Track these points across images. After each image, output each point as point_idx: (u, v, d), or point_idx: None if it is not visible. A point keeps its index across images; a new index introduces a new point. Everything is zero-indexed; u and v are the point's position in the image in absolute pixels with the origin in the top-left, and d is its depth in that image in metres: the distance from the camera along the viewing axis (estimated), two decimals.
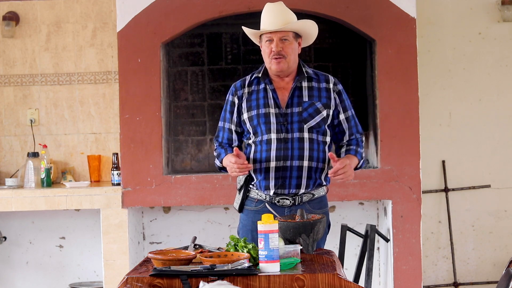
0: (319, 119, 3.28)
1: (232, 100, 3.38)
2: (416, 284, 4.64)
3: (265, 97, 3.31)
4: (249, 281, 2.53)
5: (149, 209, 5.16)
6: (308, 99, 3.29)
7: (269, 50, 3.27)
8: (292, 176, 3.26)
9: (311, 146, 3.27)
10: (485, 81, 5.18)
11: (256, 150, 3.30)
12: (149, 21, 4.69)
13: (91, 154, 5.21)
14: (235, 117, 3.37)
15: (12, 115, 5.28)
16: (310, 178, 3.28)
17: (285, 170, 3.25)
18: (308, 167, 3.26)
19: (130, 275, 2.62)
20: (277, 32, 3.25)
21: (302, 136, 3.26)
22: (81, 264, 5.26)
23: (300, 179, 3.26)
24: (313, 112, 3.28)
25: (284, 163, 3.25)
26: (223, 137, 3.42)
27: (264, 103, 3.30)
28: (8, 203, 4.73)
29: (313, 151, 3.27)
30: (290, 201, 3.27)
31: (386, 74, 4.64)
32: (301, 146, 3.26)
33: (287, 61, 3.26)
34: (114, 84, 5.22)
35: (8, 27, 5.17)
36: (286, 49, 3.25)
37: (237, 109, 3.36)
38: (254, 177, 3.32)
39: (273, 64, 3.26)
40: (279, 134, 3.26)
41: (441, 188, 5.17)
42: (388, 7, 4.62)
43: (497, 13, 5.14)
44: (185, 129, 5.23)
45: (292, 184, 3.26)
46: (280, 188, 3.27)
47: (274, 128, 3.27)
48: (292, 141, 3.26)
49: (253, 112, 3.30)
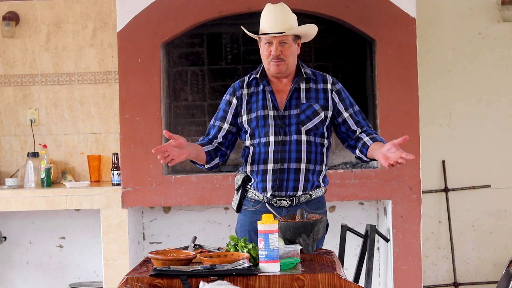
0: (317, 121, 3.27)
1: (229, 99, 3.35)
2: (416, 284, 4.64)
3: (263, 99, 3.30)
4: (249, 281, 2.53)
5: (149, 209, 5.17)
6: (306, 101, 3.28)
7: (268, 52, 3.25)
8: (289, 178, 3.25)
9: (309, 148, 3.26)
10: (485, 81, 5.18)
11: (254, 152, 3.29)
12: (149, 21, 4.69)
13: (91, 154, 5.21)
14: (229, 116, 3.33)
15: (12, 115, 5.28)
16: (307, 180, 3.27)
17: (282, 172, 3.24)
18: (305, 169, 3.25)
19: (130, 275, 2.62)
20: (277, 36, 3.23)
21: (300, 139, 3.25)
22: (81, 264, 5.26)
23: (298, 182, 3.25)
24: (310, 114, 3.27)
25: (281, 166, 3.24)
26: (214, 135, 3.35)
27: (263, 105, 3.29)
28: (8, 203, 4.73)
29: (311, 154, 3.26)
30: (288, 202, 3.27)
31: (386, 74, 4.64)
32: (298, 149, 3.24)
33: (286, 63, 3.25)
34: (114, 84, 5.22)
35: (8, 27, 5.17)
36: (285, 52, 3.24)
37: (235, 109, 3.34)
38: (252, 178, 3.31)
39: (272, 66, 3.25)
40: (277, 136, 3.25)
41: (441, 188, 5.17)
42: (388, 7, 4.62)
43: (497, 13, 5.14)
44: (185, 129, 5.23)
45: (290, 187, 3.26)
46: (278, 190, 3.26)
47: (272, 130, 3.26)
48: (290, 144, 3.25)
49: (253, 115, 3.29)
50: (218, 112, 3.39)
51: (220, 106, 3.39)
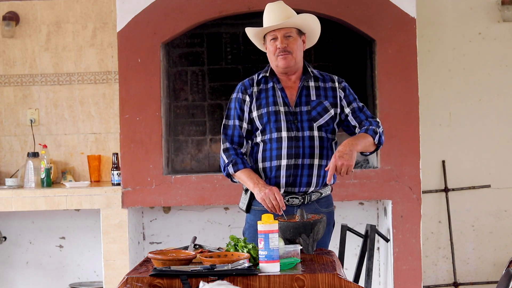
0: (327, 118, 3.30)
1: (243, 98, 3.34)
2: (416, 284, 4.64)
3: (273, 96, 3.31)
4: (249, 281, 2.53)
5: (149, 209, 5.16)
6: (316, 98, 3.31)
7: (274, 48, 3.27)
8: (303, 174, 3.26)
9: (321, 144, 3.28)
10: (485, 81, 5.18)
11: (265, 148, 3.30)
12: (149, 21, 4.69)
13: (91, 154, 5.21)
14: (246, 114, 3.34)
15: (12, 115, 5.28)
16: (319, 176, 3.29)
17: (296, 168, 3.25)
18: (318, 165, 3.27)
19: (130, 275, 2.62)
20: (280, 29, 3.26)
21: (313, 135, 3.27)
22: (81, 264, 5.26)
23: (311, 177, 3.27)
24: (321, 111, 3.29)
25: (295, 161, 3.25)
26: (233, 135, 3.34)
27: (274, 101, 3.30)
28: (8, 203, 4.73)
29: (323, 149, 3.29)
30: (300, 200, 3.28)
31: (386, 74, 4.64)
32: (311, 144, 3.27)
33: (294, 57, 3.27)
34: (114, 84, 5.22)
35: (8, 27, 5.17)
36: (291, 45, 3.26)
37: (248, 107, 3.34)
38: (262, 176, 3.31)
39: (279, 61, 3.27)
40: (289, 132, 3.26)
41: (441, 188, 5.17)
42: (388, 7, 4.62)
43: (497, 13, 5.14)
44: (185, 129, 5.23)
45: (303, 182, 3.27)
46: (291, 186, 3.27)
47: (285, 126, 3.27)
48: (303, 139, 3.26)
49: (263, 110, 3.29)
50: (230, 111, 3.37)
51: (231, 105, 3.37)
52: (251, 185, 3.23)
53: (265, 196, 3.15)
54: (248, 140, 3.37)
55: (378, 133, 3.25)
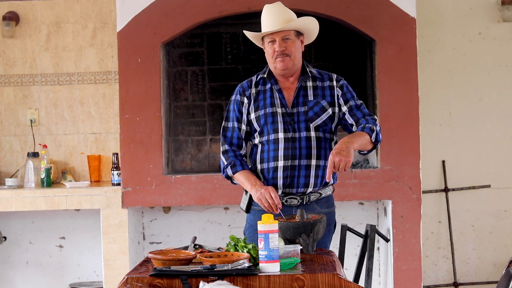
0: (325, 117, 3.30)
1: (241, 100, 3.35)
2: (416, 284, 4.64)
3: (271, 97, 3.32)
4: (249, 281, 2.53)
5: (149, 209, 5.17)
6: (314, 98, 3.31)
7: (272, 50, 3.27)
8: (300, 175, 3.26)
9: (319, 144, 3.28)
10: (485, 81, 5.18)
11: (263, 149, 3.31)
12: (149, 21, 4.69)
13: (91, 154, 5.21)
14: (244, 116, 3.35)
15: (12, 115, 5.28)
16: (317, 176, 3.29)
17: (293, 169, 3.26)
18: (315, 165, 3.27)
19: (130, 275, 2.62)
20: (278, 32, 3.25)
21: (309, 135, 3.28)
22: (81, 264, 5.26)
23: (308, 178, 3.27)
24: (318, 111, 3.29)
25: (292, 162, 3.26)
26: (232, 136, 3.36)
27: (271, 103, 3.31)
28: (8, 203, 4.73)
29: (320, 150, 3.28)
30: (298, 201, 3.28)
31: (386, 74, 4.64)
32: (308, 145, 3.27)
33: (292, 59, 3.27)
34: (114, 84, 5.22)
35: (8, 27, 5.17)
36: (289, 48, 3.26)
37: (246, 108, 3.35)
38: (261, 177, 3.32)
39: (278, 63, 3.27)
40: (286, 133, 3.27)
41: (441, 188, 5.17)
42: (388, 7, 4.62)
43: (497, 13, 5.14)
44: (185, 129, 5.23)
45: (300, 183, 3.27)
46: (288, 188, 3.27)
47: (282, 127, 3.27)
48: (299, 140, 3.26)
49: (261, 112, 3.31)
50: (229, 113, 3.39)
51: (230, 107, 3.39)
52: (248, 186, 3.26)
53: (261, 196, 3.17)
54: (247, 141, 3.39)
55: (375, 131, 3.23)
